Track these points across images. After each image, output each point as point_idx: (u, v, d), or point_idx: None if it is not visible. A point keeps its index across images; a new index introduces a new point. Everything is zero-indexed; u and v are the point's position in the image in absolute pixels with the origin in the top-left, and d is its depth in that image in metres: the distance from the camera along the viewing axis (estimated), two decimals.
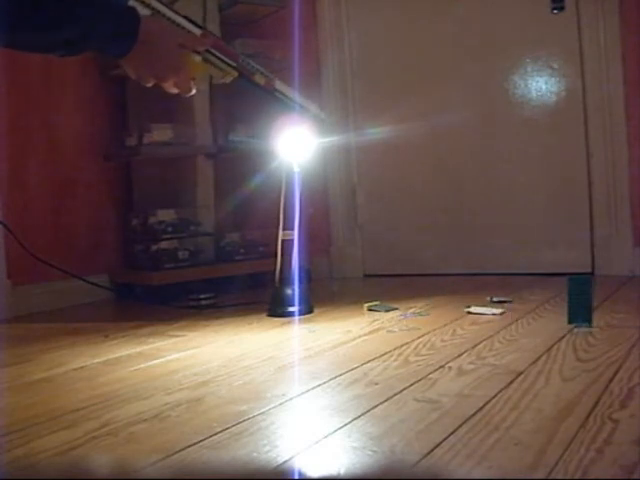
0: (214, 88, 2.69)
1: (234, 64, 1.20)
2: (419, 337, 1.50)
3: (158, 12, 1.11)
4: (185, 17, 1.15)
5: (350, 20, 2.95)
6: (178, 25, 1.13)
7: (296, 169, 1.97)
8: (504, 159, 2.64)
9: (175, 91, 1.11)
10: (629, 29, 2.32)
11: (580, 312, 1.47)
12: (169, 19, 1.13)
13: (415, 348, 1.39)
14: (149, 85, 1.09)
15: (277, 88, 1.30)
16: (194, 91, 1.12)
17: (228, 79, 1.20)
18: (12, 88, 2.35)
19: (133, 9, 1.05)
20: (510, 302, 1.89)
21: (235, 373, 1.28)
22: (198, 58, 1.14)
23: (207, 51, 1.16)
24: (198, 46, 1.14)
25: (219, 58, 1.18)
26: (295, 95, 1.35)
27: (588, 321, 1.47)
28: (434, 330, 1.57)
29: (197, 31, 1.15)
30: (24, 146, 2.46)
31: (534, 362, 1.20)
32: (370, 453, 0.82)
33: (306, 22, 2.90)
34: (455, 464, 0.76)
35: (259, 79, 1.26)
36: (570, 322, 1.48)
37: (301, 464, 0.80)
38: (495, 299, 1.92)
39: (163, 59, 1.06)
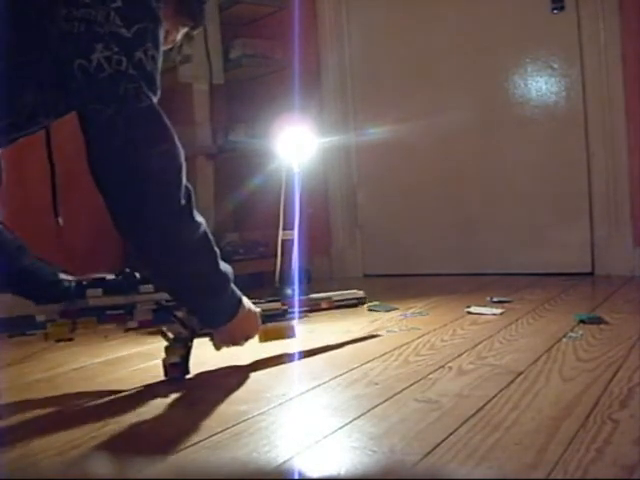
0: (214, 88, 2.69)
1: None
2: (419, 337, 1.50)
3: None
4: None
5: (350, 20, 2.95)
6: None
7: (296, 169, 1.97)
8: (504, 159, 2.64)
9: None
10: (629, 29, 2.31)
11: None
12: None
13: (415, 348, 1.39)
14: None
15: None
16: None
17: None
18: None
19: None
20: (510, 302, 1.89)
21: (234, 373, 1.28)
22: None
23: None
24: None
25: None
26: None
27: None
28: (434, 330, 1.57)
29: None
30: (23, 145, 2.45)
31: (534, 362, 1.20)
32: (370, 453, 0.81)
33: (306, 22, 2.90)
34: (455, 464, 0.76)
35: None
36: None
37: (301, 464, 0.80)
38: (495, 299, 1.92)
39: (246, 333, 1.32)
